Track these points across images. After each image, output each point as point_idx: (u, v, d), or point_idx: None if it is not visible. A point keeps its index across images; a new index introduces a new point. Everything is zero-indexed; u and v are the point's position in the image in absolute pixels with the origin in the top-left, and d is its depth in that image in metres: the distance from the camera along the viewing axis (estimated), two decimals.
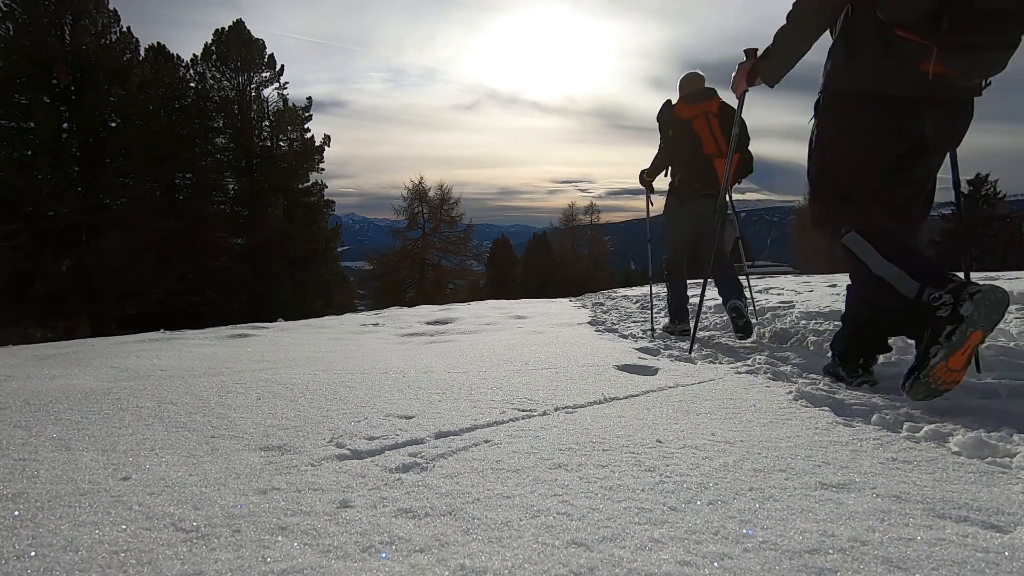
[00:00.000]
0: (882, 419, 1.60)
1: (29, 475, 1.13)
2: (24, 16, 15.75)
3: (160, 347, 3.38)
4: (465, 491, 1.07)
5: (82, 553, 0.81)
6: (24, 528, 0.89)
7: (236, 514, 0.95)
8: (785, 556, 0.82)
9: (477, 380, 2.13)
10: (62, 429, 1.47)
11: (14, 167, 15.19)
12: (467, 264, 33.69)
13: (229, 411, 1.65)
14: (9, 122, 15.91)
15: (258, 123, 21.89)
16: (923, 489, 1.09)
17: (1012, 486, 1.11)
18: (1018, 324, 2.95)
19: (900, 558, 0.82)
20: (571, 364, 2.51)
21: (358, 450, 1.30)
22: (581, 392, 1.96)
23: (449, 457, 1.27)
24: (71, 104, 16.59)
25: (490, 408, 1.70)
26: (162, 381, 2.15)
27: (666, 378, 2.26)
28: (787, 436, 1.45)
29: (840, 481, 1.13)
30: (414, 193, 31.79)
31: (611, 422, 1.58)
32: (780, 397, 1.89)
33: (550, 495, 1.05)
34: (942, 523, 0.94)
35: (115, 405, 1.72)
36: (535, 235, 40.71)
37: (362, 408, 1.70)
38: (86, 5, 16.53)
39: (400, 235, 31.63)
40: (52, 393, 1.90)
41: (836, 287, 5.59)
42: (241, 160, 21.48)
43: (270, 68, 21.99)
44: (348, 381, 2.10)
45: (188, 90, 20.58)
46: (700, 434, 1.47)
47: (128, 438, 1.40)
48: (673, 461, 1.24)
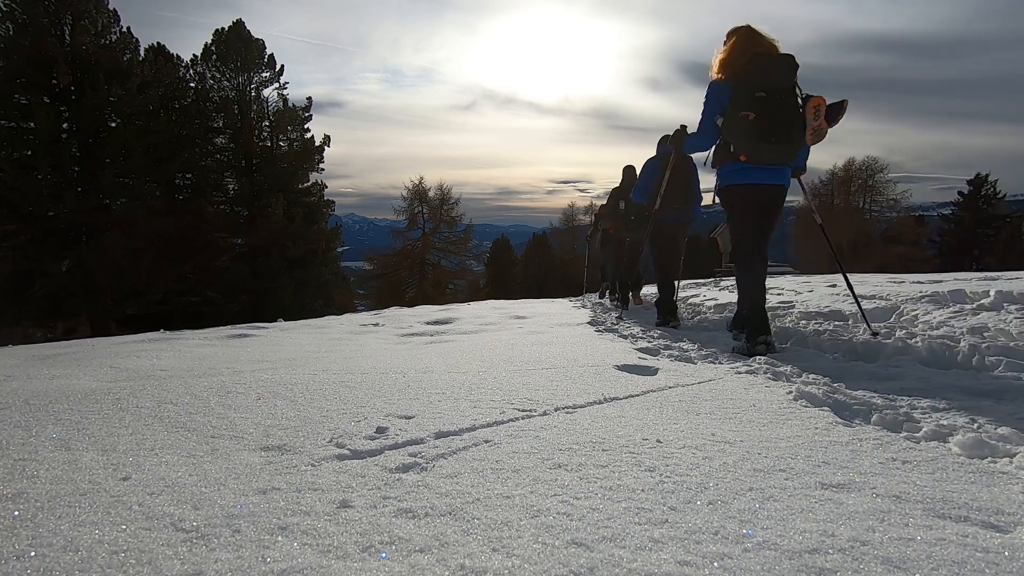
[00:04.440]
0: (882, 419, 1.60)
1: (29, 475, 1.13)
2: (24, 16, 15.74)
3: (160, 347, 3.37)
4: (465, 491, 1.07)
5: (82, 553, 0.81)
6: (24, 528, 0.89)
7: (236, 514, 0.95)
8: (785, 556, 0.82)
9: (477, 380, 2.13)
10: (62, 429, 1.47)
11: (14, 167, 15.18)
12: (467, 264, 33.69)
13: (229, 411, 1.65)
14: (9, 122, 15.90)
15: (258, 123, 21.88)
16: (923, 489, 1.09)
17: (1012, 486, 1.11)
18: (1018, 324, 2.95)
19: (900, 558, 0.82)
20: (571, 364, 2.51)
21: (358, 450, 1.30)
22: (581, 392, 1.96)
23: (449, 457, 1.27)
24: (71, 104, 16.58)
25: (490, 408, 1.70)
26: (162, 381, 2.15)
27: (666, 378, 2.26)
28: (787, 436, 1.45)
29: (840, 481, 1.13)
30: (414, 193, 31.80)
31: (611, 422, 1.58)
32: (780, 397, 1.89)
33: (550, 495, 1.05)
34: (942, 523, 0.94)
35: (115, 405, 1.72)
36: (535, 235, 40.71)
37: (362, 408, 1.70)
38: (86, 5, 16.52)
39: (400, 235, 31.63)
40: (52, 393, 1.90)
41: (836, 287, 5.58)
42: (241, 160, 21.47)
43: (270, 68, 21.99)
44: (348, 381, 2.10)
45: (188, 90, 20.57)
46: (700, 434, 1.47)
47: (128, 438, 1.40)
48: (673, 461, 1.24)
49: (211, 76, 21.08)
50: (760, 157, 2.72)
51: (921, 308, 3.73)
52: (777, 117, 2.63)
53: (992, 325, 3.00)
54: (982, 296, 3.77)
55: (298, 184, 22.56)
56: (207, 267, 18.81)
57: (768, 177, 2.79)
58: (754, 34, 2.77)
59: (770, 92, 2.63)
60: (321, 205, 23.55)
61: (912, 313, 3.68)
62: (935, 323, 3.32)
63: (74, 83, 16.43)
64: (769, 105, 2.62)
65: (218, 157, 21.43)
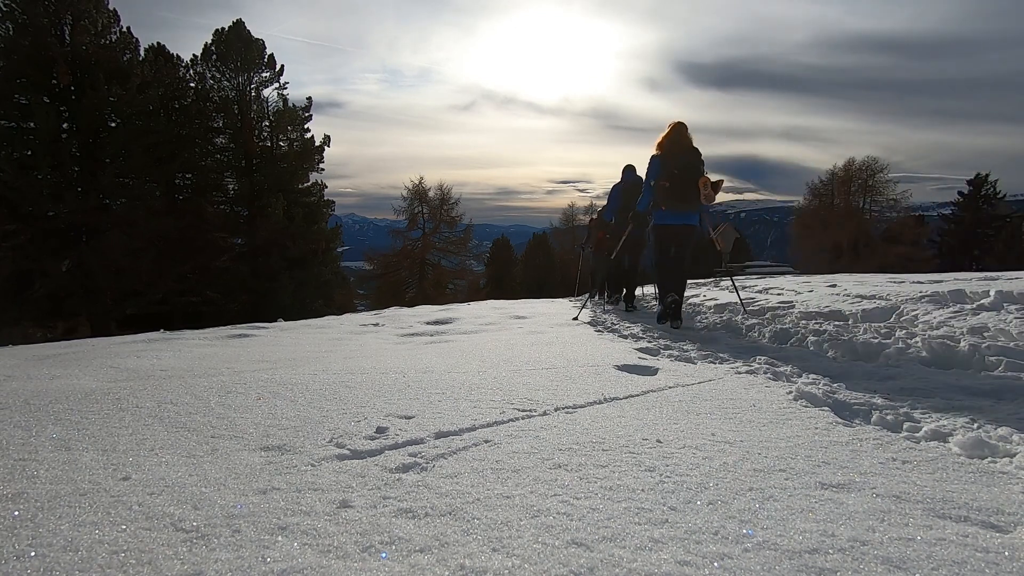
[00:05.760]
0: (882, 419, 1.60)
1: (29, 475, 1.13)
2: (24, 16, 15.73)
3: (160, 347, 3.37)
4: (465, 491, 1.07)
5: (82, 553, 0.81)
6: (24, 528, 0.89)
7: (236, 514, 0.95)
8: (785, 556, 0.82)
9: (477, 380, 2.13)
10: (62, 429, 1.47)
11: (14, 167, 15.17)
12: (467, 264, 33.66)
13: (229, 411, 1.65)
14: (9, 122, 15.89)
15: (258, 123, 21.87)
16: (923, 489, 1.09)
17: (1012, 486, 1.11)
18: (1018, 324, 2.95)
19: (900, 558, 0.82)
20: (571, 364, 2.51)
21: (358, 450, 1.30)
22: (581, 392, 1.96)
23: (449, 457, 1.27)
24: (71, 104, 16.58)
25: (490, 408, 1.70)
26: (162, 381, 2.15)
27: (666, 378, 2.26)
28: (787, 436, 1.45)
29: (840, 481, 1.13)
30: (414, 193, 31.77)
31: (611, 422, 1.58)
32: (780, 397, 1.89)
33: (550, 495, 1.05)
34: (942, 523, 0.94)
35: (115, 405, 1.72)
36: (535, 235, 40.69)
37: (362, 408, 1.70)
38: (86, 5, 16.51)
39: (400, 235, 31.61)
40: (52, 393, 1.90)
41: (836, 287, 5.58)
42: (241, 160, 21.46)
43: (270, 68, 21.97)
44: (348, 381, 2.10)
45: (188, 90, 20.55)
46: (700, 434, 1.47)
47: (128, 438, 1.40)
48: (673, 461, 1.24)
49: (211, 76, 21.07)
50: (673, 208, 4.24)
51: (921, 308, 3.73)
52: (682, 187, 4.11)
53: (992, 325, 3.01)
54: (982, 296, 3.77)
55: (298, 184, 22.55)
56: (207, 267, 18.80)
57: (678, 219, 4.29)
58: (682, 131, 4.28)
59: (680, 170, 4.11)
60: (321, 205, 23.54)
61: (912, 313, 3.68)
62: (935, 323, 3.32)
63: (74, 83, 16.43)
64: (677, 179, 4.12)
65: (218, 157, 21.42)
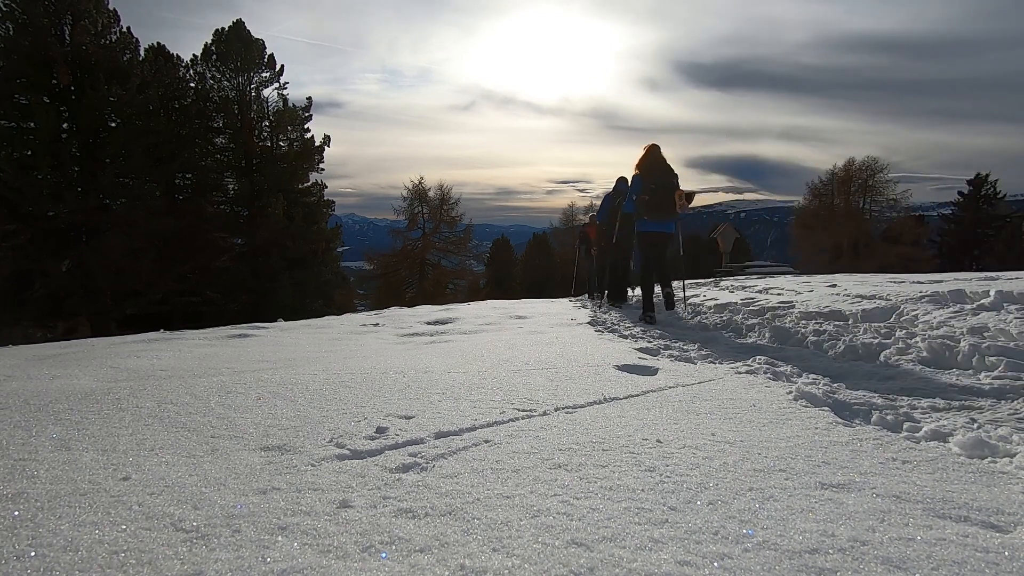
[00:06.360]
0: (882, 419, 1.60)
1: (29, 475, 1.13)
2: (24, 16, 15.73)
3: (160, 347, 3.37)
4: (465, 491, 1.07)
5: (82, 553, 0.81)
6: (24, 528, 0.89)
7: (236, 514, 0.95)
8: (785, 556, 0.82)
9: (477, 380, 2.13)
10: (62, 429, 1.47)
11: (14, 167, 15.17)
12: (467, 264, 33.65)
13: (229, 411, 1.65)
14: (9, 122, 15.89)
15: (258, 123, 21.86)
16: (923, 489, 1.09)
17: (1012, 486, 1.11)
18: (1018, 324, 2.95)
19: (900, 558, 0.82)
20: (571, 364, 2.51)
21: (358, 450, 1.30)
22: (581, 392, 1.96)
23: (449, 457, 1.27)
24: (71, 104, 16.57)
25: (490, 408, 1.70)
26: (162, 381, 2.15)
27: (666, 378, 2.26)
28: (787, 436, 1.45)
29: (840, 481, 1.13)
30: (414, 193, 31.76)
31: (611, 422, 1.58)
32: (780, 397, 1.89)
33: (550, 495, 1.05)
34: (942, 523, 0.94)
35: (115, 405, 1.72)
36: (535, 235, 40.70)
37: (362, 408, 1.70)
38: (86, 5, 16.50)
39: (400, 235, 31.60)
40: (52, 393, 1.90)
41: (836, 287, 5.58)
42: (241, 160, 21.45)
43: (270, 68, 21.97)
44: (348, 381, 2.10)
45: (188, 90, 20.54)
46: (700, 434, 1.47)
47: (128, 438, 1.40)
48: (673, 461, 1.24)
49: (211, 76, 21.07)
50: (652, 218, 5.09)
51: (921, 308, 3.73)
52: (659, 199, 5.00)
53: (992, 325, 3.00)
54: (982, 296, 3.77)
55: (298, 184, 22.54)
56: (207, 267, 18.80)
57: (658, 227, 5.18)
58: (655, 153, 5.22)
59: (657, 185, 5.02)
60: (321, 205, 23.54)
61: (912, 313, 3.68)
62: (935, 323, 3.32)
63: (74, 83, 16.43)
64: (657, 193, 5.01)
65: (218, 157, 21.41)
